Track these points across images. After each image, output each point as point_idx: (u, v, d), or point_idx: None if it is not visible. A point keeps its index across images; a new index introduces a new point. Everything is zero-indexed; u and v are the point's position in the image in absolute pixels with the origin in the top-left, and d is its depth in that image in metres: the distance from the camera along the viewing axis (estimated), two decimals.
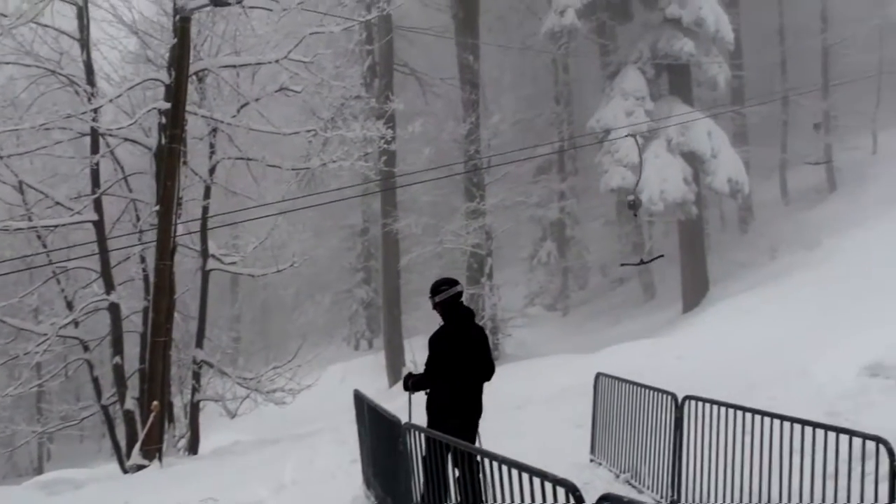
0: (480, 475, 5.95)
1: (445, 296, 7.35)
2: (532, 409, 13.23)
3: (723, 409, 7.25)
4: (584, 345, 21.94)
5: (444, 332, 7.31)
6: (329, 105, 16.84)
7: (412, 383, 7.45)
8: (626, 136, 18.62)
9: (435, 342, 7.29)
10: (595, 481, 8.82)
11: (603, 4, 24.87)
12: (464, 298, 7.64)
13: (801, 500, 6.36)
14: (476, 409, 7.30)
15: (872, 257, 19.81)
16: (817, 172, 34.01)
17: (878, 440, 5.57)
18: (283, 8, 14.61)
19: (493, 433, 8.35)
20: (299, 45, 14.53)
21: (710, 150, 23.87)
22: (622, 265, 21.72)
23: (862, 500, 6.34)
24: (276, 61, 14.40)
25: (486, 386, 7.50)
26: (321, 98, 16.58)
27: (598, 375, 9.73)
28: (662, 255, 22.89)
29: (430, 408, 7.27)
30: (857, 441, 5.99)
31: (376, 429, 7.74)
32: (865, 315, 14.92)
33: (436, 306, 7.44)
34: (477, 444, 7.08)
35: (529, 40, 29.21)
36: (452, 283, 7.47)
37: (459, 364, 7.15)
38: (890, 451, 5.40)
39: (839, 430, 6.09)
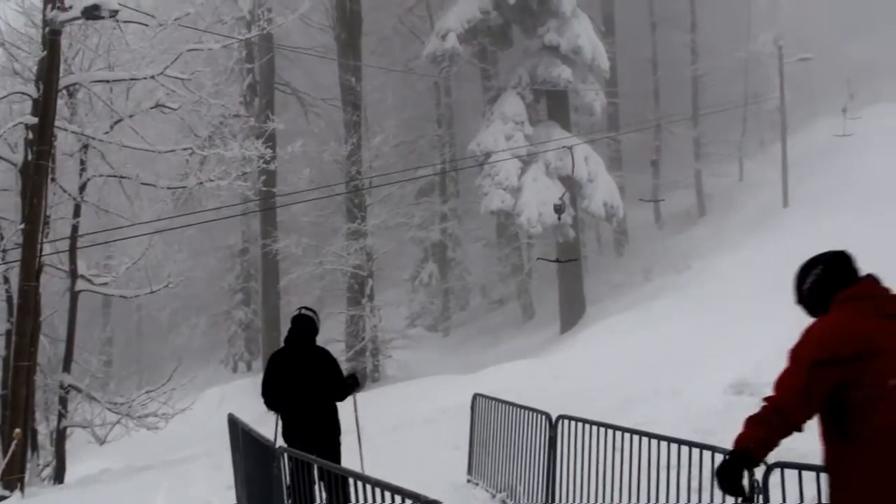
0: (351, 498, 5.91)
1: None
2: (411, 431, 13.22)
3: (595, 428, 7.40)
4: (465, 365, 22.08)
5: (272, 357, 7.47)
6: (207, 123, 16.54)
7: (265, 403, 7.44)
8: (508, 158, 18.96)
9: (265, 367, 7.45)
10: (471, 502, 8.87)
11: (484, 30, 25.26)
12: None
13: None
14: (326, 430, 7.24)
15: (738, 280, 20.66)
16: (688, 198, 35.38)
17: None
18: (159, 23, 14.27)
19: (371, 455, 8.30)
20: (177, 62, 14.22)
21: (587, 174, 24.50)
22: (538, 259, 22.18)
23: None
24: (153, 77, 14.06)
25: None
26: (199, 116, 16.27)
27: (475, 396, 9.81)
28: (577, 259, 23.54)
29: (282, 430, 7.28)
30: (720, 457, 6.21)
31: (251, 453, 7.60)
32: (732, 335, 15.55)
33: None
34: (346, 465, 7.04)
35: (412, 63, 29.45)
36: (303, 311, 7.53)
37: (290, 389, 7.13)
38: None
39: (704, 447, 6.30)
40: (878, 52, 43.70)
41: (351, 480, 5.31)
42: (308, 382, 7.15)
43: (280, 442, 7.03)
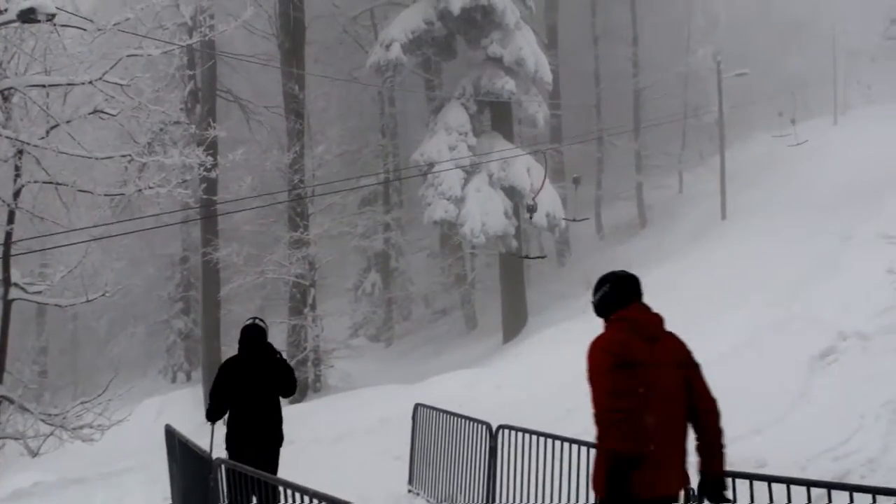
0: None
1: (242, 328, 7.51)
2: (352, 441, 13.15)
3: (535, 438, 7.46)
4: (408, 375, 22.04)
5: (227, 362, 7.44)
6: (147, 130, 16.26)
7: (206, 413, 7.40)
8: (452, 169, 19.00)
9: (218, 371, 7.41)
10: None
11: (428, 41, 25.32)
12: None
13: None
14: (273, 439, 7.28)
15: (678, 290, 20.95)
16: (629, 209, 35.87)
17: None
18: (98, 28, 14.03)
19: (312, 465, 8.25)
20: (116, 67, 13.99)
21: (530, 185, 24.68)
22: (509, 255, 22.30)
23: None
24: (91, 82, 13.79)
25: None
26: (139, 122, 15.98)
27: (416, 406, 9.81)
28: (545, 256, 23.82)
29: (227, 439, 7.25)
30: None
31: (188, 465, 7.50)
32: None
33: None
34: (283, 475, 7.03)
35: (356, 72, 29.38)
36: (256, 321, 7.56)
37: (243, 393, 7.16)
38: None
39: None
40: (810, 68, 44.97)
41: (289, 492, 5.26)
42: (264, 389, 7.23)
43: (217, 453, 6.96)
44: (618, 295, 4.68)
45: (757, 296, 17.36)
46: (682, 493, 4.53)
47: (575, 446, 6.96)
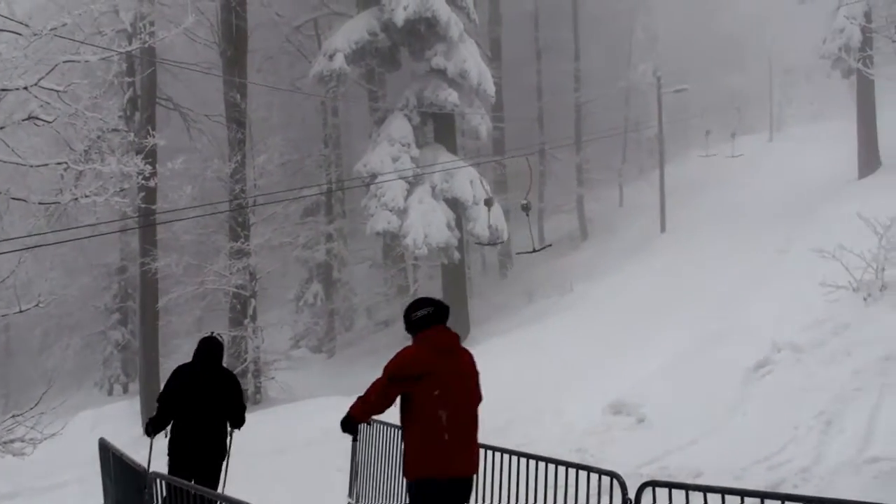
0: None
1: (200, 340, 7.57)
2: (293, 453, 13.05)
3: None
4: (350, 387, 21.81)
5: (180, 369, 7.45)
6: (84, 137, 15.95)
7: (148, 424, 7.32)
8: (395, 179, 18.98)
9: (169, 378, 7.41)
10: None
11: (372, 51, 25.31)
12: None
13: None
14: (216, 451, 7.28)
15: (617, 302, 21.24)
16: (570, 221, 36.22)
17: (612, 475, 5.95)
18: (33, 33, 13.75)
19: (252, 478, 8.16)
20: (52, 73, 13.72)
21: (472, 197, 24.78)
22: (518, 254, 23.11)
23: None
24: (26, 88, 13.51)
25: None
26: (75, 129, 15.69)
27: None
28: (551, 245, 24.06)
29: (169, 450, 7.22)
30: (596, 477, 6.36)
31: (122, 480, 7.36)
32: (610, 357, 15.96)
33: None
34: (222, 490, 6.95)
35: (299, 82, 29.23)
36: (216, 335, 7.71)
37: (193, 403, 7.17)
38: (622, 484, 5.77)
39: (579, 467, 6.45)
40: (748, 85, 45.98)
41: None
42: (214, 402, 7.28)
43: (155, 466, 6.87)
44: (430, 319, 5.75)
45: (694, 308, 17.67)
46: (474, 475, 5.78)
47: (515, 458, 6.99)
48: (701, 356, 14.37)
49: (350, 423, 5.97)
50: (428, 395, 5.44)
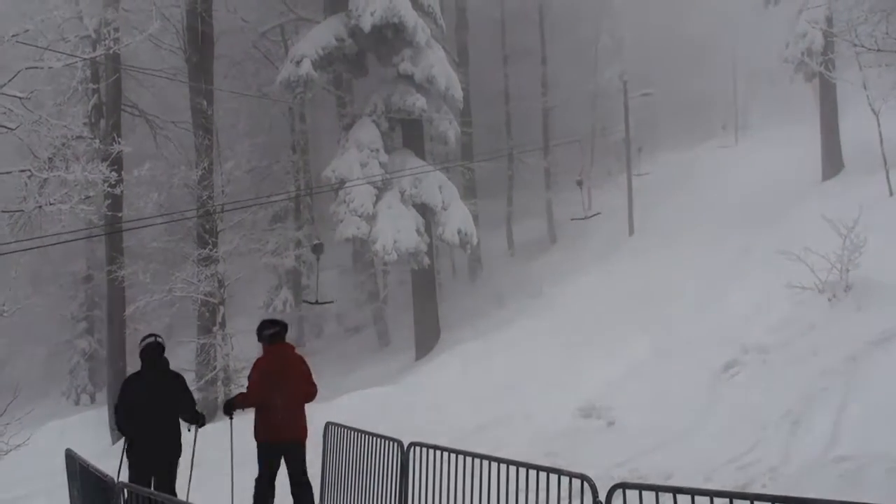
0: None
1: (142, 346, 8.22)
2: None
3: (446, 454, 7.46)
4: (320, 393, 21.79)
5: (130, 378, 8.17)
6: (48, 144, 15.81)
7: (116, 423, 7.75)
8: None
9: (122, 387, 8.05)
10: None
11: (339, 57, 25.23)
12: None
13: None
14: (170, 450, 7.77)
15: (588, 305, 21.32)
16: (539, 226, 36.31)
17: (582, 478, 5.96)
18: None
19: (219, 487, 8.09)
20: (15, 80, 13.57)
21: (441, 202, 24.78)
22: (572, 220, 24.86)
23: None
24: None
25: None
26: (39, 136, 15.53)
27: (327, 424, 9.73)
28: (600, 213, 25.91)
29: (127, 454, 7.66)
30: (567, 480, 6.38)
31: (89, 490, 7.28)
32: (580, 360, 16.02)
33: None
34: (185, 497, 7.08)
35: (266, 88, 29.09)
36: (156, 338, 8.35)
37: (145, 408, 7.62)
38: (593, 487, 5.79)
39: (550, 470, 6.46)
40: (712, 88, 46.38)
41: None
42: (164, 405, 7.76)
43: (125, 473, 6.93)
44: (275, 336, 8.81)
45: (662, 310, 17.78)
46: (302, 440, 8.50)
47: (486, 462, 6.98)
48: (670, 358, 14.48)
49: (232, 407, 8.67)
50: (269, 387, 8.27)
